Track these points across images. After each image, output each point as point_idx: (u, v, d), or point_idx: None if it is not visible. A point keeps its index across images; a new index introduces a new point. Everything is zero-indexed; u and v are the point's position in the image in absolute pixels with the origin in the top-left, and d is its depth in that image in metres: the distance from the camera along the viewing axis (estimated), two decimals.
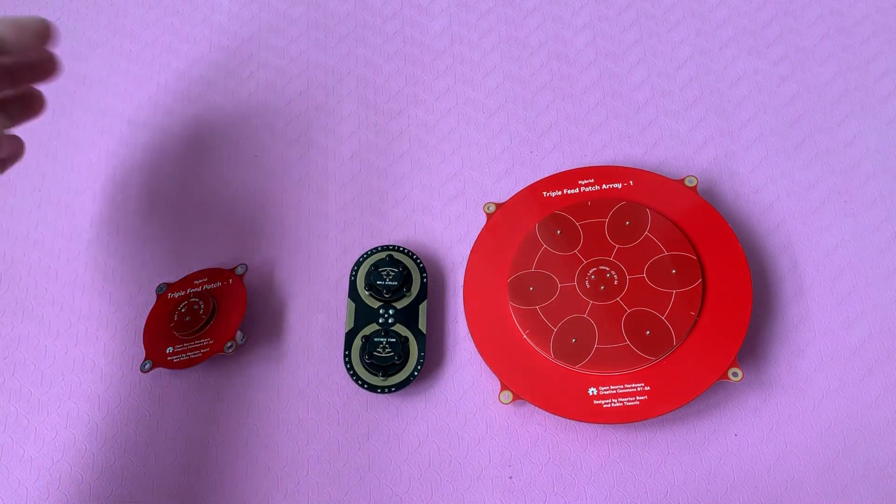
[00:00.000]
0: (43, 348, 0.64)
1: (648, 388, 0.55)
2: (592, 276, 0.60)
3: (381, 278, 0.61)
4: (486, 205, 0.64)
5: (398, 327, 0.60)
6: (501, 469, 0.57)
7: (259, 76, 0.74)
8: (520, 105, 0.71)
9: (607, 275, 0.60)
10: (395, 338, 0.59)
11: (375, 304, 0.61)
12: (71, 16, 0.79)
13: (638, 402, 0.55)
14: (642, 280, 0.59)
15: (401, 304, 0.61)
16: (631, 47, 0.73)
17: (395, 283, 0.61)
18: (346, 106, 0.72)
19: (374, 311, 0.61)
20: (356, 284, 0.62)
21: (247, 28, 0.77)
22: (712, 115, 0.69)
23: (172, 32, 0.77)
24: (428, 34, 0.75)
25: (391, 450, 0.59)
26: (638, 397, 0.55)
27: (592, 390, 0.56)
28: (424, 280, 0.62)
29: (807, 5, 0.73)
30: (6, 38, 0.47)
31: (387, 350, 0.59)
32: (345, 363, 0.59)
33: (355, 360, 0.59)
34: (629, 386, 0.56)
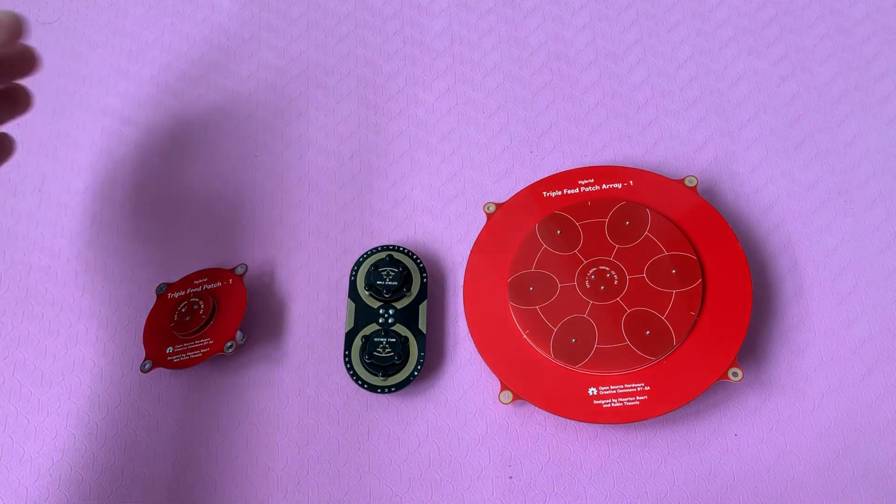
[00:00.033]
0: (43, 348, 0.64)
1: (648, 388, 0.55)
2: (592, 276, 0.60)
3: (381, 278, 0.61)
4: (486, 205, 0.64)
5: (398, 327, 0.60)
6: (501, 469, 0.57)
7: (259, 76, 0.74)
8: (520, 105, 0.71)
9: (607, 275, 0.60)
10: (395, 338, 0.59)
11: (375, 304, 0.61)
12: (71, 16, 0.79)
13: (638, 402, 0.55)
14: (642, 280, 0.59)
15: (401, 304, 0.61)
16: (631, 47, 0.73)
17: (395, 283, 0.61)
18: (346, 106, 0.72)
19: (374, 311, 0.61)
20: (356, 284, 0.62)
21: (247, 28, 0.77)
22: (712, 115, 0.69)
23: (172, 32, 0.77)
24: (428, 34, 0.75)
25: (391, 450, 0.59)
26: (638, 397, 0.55)
27: (592, 390, 0.56)
28: (424, 280, 0.62)
29: (807, 5, 0.73)
30: None
31: (387, 350, 0.59)
32: (345, 363, 0.59)
33: (355, 360, 0.59)
34: (629, 386, 0.56)
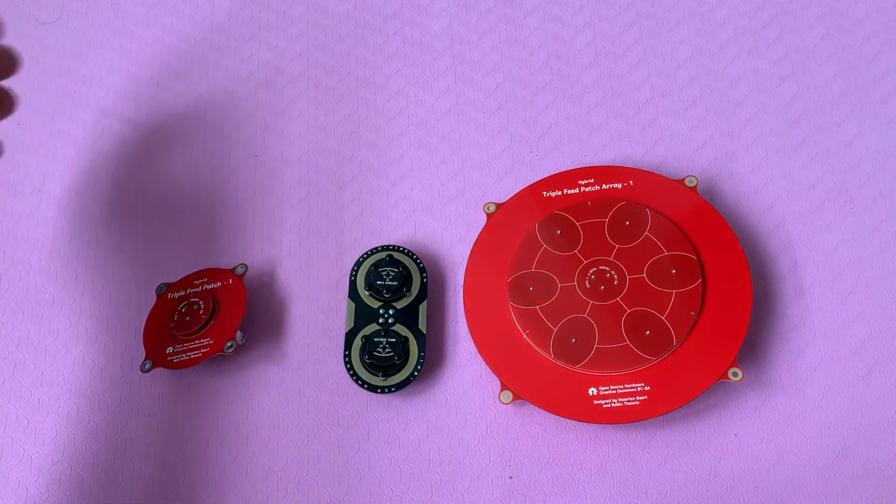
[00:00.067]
0: (43, 348, 0.64)
1: (648, 388, 0.55)
2: (592, 276, 0.60)
3: (381, 278, 0.61)
4: (486, 205, 0.64)
5: (398, 327, 0.60)
6: (501, 469, 0.57)
7: (259, 76, 0.74)
8: (520, 105, 0.71)
9: (607, 275, 0.60)
10: (395, 338, 0.59)
11: (375, 304, 0.61)
12: (71, 16, 0.79)
13: (638, 402, 0.55)
14: (642, 280, 0.59)
15: (401, 304, 0.61)
16: (631, 47, 0.73)
17: (395, 283, 0.61)
18: (346, 106, 0.72)
19: (374, 311, 0.61)
20: (356, 284, 0.62)
21: (247, 28, 0.77)
22: (712, 115, 0.69)
23: (173, 32, 0.77)
24: (428, 34, 0.75)
25: (391, 450, 0.59)
26: (638, 397, 0.55)
27: (592, 390, 0.56)
28: (424, 280, 0.62)
29: (807, 5, 0.73)
30: None
31: (387, 350, 0.59)
32: (345, 363, 0.59)
33: (355, 360, 0.59)
34: (629, 386, 0.56)
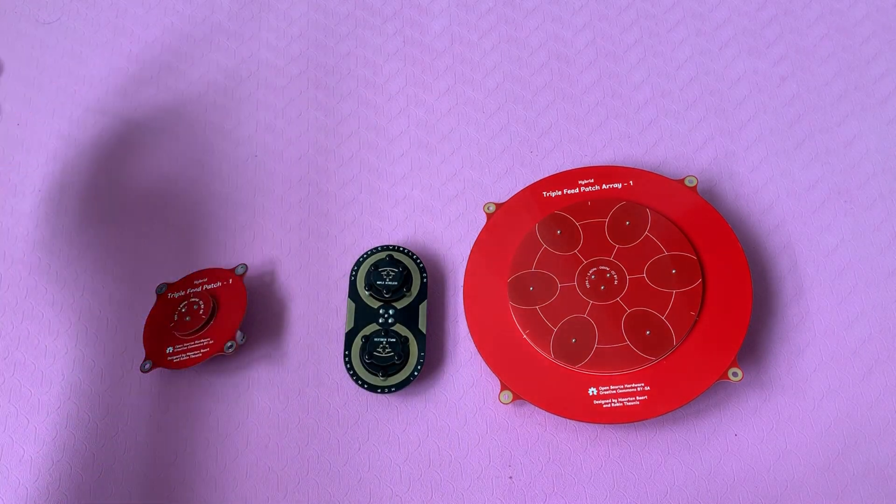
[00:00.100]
0: (43, 348, 0.64)
1: (648, 388, 0.55)
2: (592, 276, 0.60)
3: (381, 278, 0.61)
4: (486, 205, 0.64)
5: (398, 327, 0.60)
6: (501, 469, 0.57)
7: (259, 76, 0.74)
8: (520, 105, 0.71)
9: (607, 275, 0.60)
10: (395, 338, 0.59)
11: (375, 304, 0.61)
12: (71, 16, 0.79)
13: (638, 402, 0.55)
14: (642, 280, 0.59)
15: (401, 304, 0.61)
16: (631, 47, 0.73)
17: (395, 283, 0.61)
18: (346, 106, 0.72)
19: (374, 311, 0.61)
20: (356, 284, 0.62)
21: (247, 28, 0.77)
22: (712, 115, 0.69)
23: (172, 32, 0.77)
24: (428, 34, 0.75)
25: (391, 450, 0.59)
26: (638, 397, 0.55)
27: (592, 390, 0.56)
28: (424, 280, 0.62)
29: (807, 5, 0.73)
30: None
31: (387, 350, 0.59)
32: (345, 363, 0.59)
33: (355, 360, 0.59)
34: (629, 386, 0.56)
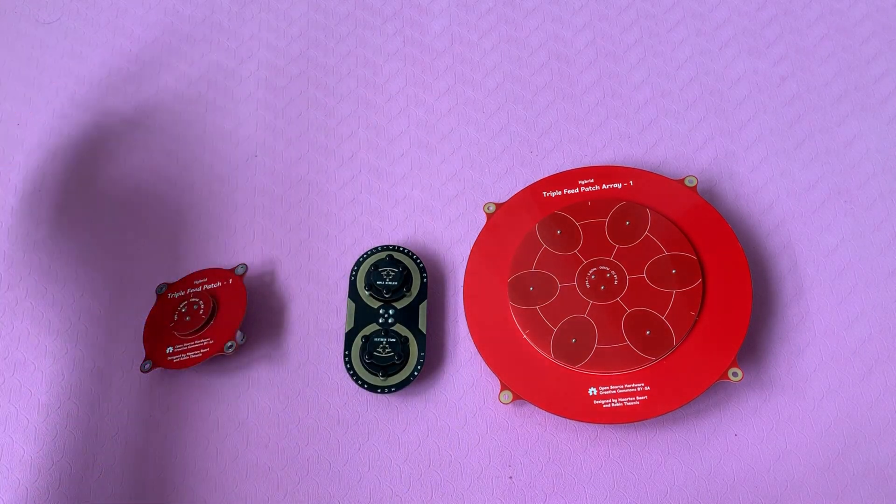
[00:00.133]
0: (43, 348, 0.64)
1: (648, 388, 0.55)
2: (592, 276, 0.60)
3: (381, 278, 0.61)
4: (486, 205, 0.64)
5: (398, 327, 0.60)
6: (501, 469, 0.57)
7: (259, 76, 0.74)
8: (520, 105, 0.71)
9: (607, 275, 0.60)
10: (395, 338, 0.59)
11: (375, 304, 0.61)
12: (71, 16, 0.79)
13: (638, 402, 0.55)
14: (642, 280, 0.59)
15: (401, 304, 0.61)
16: (631, 47, 0.73)
17: (395, 283, 0.61)
18: (346, 106, 0.72)
19: (374, 311, 0.61)
20: (356, 284, 0.62)
21: (246, 28, 0.77)
22: (712, 115, 0.69)
23: (172, 32, 0.77)
24: (428, 34, 0.75)
25: (391, 450, 0.59)
26: (638, 397, 0.55)
27: (592, 390, 0.56)
28: (424, 280, 0.62)
29: (807, 5, 0.73)
30: None
31: (387, 350, 0.59)
32: (345, 363, 0.59)
33: (355, 360, 0.59)
34: (629, 386, 0.56)
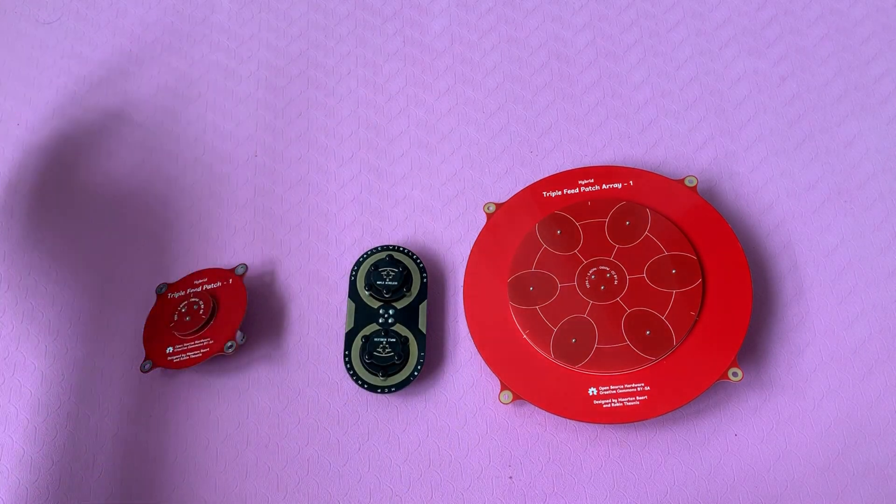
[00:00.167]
0: (43, 348, 0.64)
1: (648, 388, 0.55)
2: (592, 276, 0.60)
3: (381, 278, 0.61)
4: (486, 205, 0.64)
5: (398, 327, 0.60)
6: (501, 469, 0.57)
7: (259, 75, 0.74)
8: (520, 105, 0.71)
9: (607, 275, 0.60)
10: (395, 338, 0.59)
11: (375, 304, 0.61)
12: (71, 16, 0.79)
13: (638, 402, 0.55)
14: (642, 280, 0.59)
15: (401, 304, 0.61)
16: (631, 47, 0.73)
17: (395, 283, 0.61)
18: (346, 106, 0.72)
19: (374, 311, 0.61)
20: (356, 284, 0.62)
21: (247, 28, 0.77)
22: (712, 115, 0.69)
23: (172, 32, 0.77)
24: (428, 34, 0.75)
25: (391, 450, 0.59)
26: (638, 397, 0.55)
27: (592, 390, 0.56)
28: (424, 280, 0.62)
29: (807, 5, 0.73)
30: None
31: (387, 350, 0.59)
32: (345, 363, 0.59)
33: (355, 360, 0.59)
34: (629, 386, 0.56)
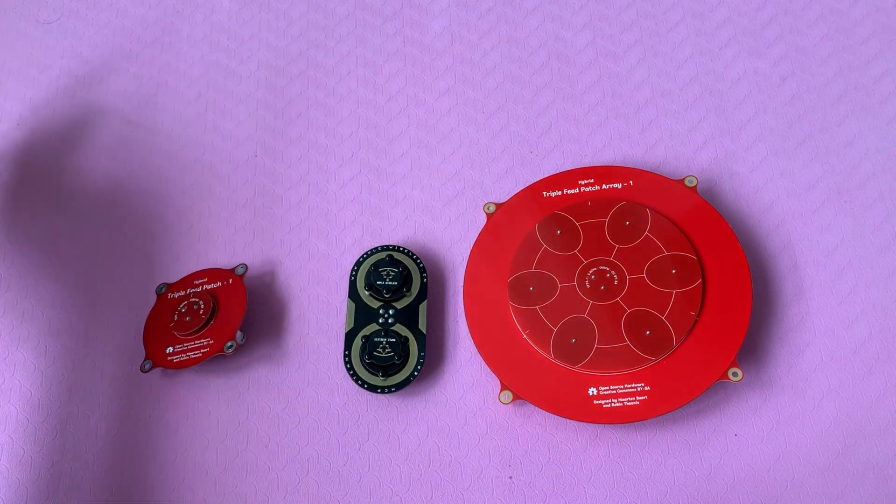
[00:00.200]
0: (43, 348, 0.64)
1: (648, 388, 0.55)
2: (592, 276, 0.60)
3: (381, 278, 0.61)
4: (486, 205, 0.64)
5: (398, 327, 0.60)
6: (501, 469, 0.57)
7: (259, 76, 0.74)
8: (520, 105, 0.71)
9: (607, 275, 0.60)
10: (395, 338, 0.59)
11: (375, 304, 0.61)
12: (71, 16, 0.79)
13: (638, 402, 0.55)
14: (642, 280, 0.59)
15: (401, 304, 0.61)
16: (631, 47, 0.73)
17: (395, 283, 0.61)
18: (346, 106, 0.72)
19: (374, 311, 0.61)
20: (356, 284, 0.62)
21: (247, 28, 0.77)
22: (712, 115, 0.69)
23: (173, 33, 0.77)
24: (428, 34, 0.75)
25: (391, 450, 0.59)
26: (638, 397, 0.55)
27: (592, 390, 0.56)
28: (424, 280, 0.62)
29: (807, 5, 0.73)
30: None
31: (387, 350, 0.59)
32: (345, 363, 0.59)
33: (355, 360, 0.59)
34: (629, 386, 0.56)
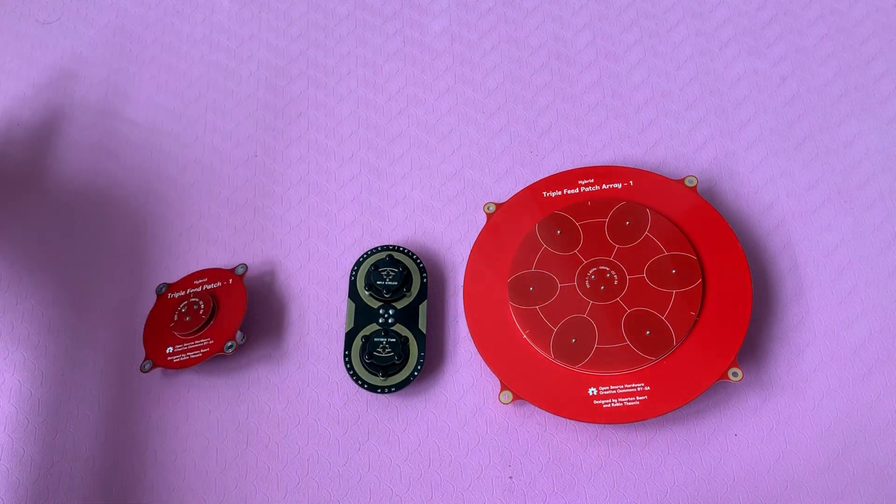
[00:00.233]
0: (43, 348, 0.64)
1: (648, 388, 0.55)
2: (592, 276, 0.60)
3: (381, 278, 0.61)
4: (486, 205, 0.64)
5: (398, 327, 0.60)
6: (501, 469, 0.57)
7: (259, 76, 0.74)
8: (520, 105, 0.71)
9: (607, 275, 0.60)
10: (395, 338, 0.59)
11: (375, 304, 0.61)
12: (71, 16, 0.80)
13: (638, 402, 0.55)
14: (642, 280, 0.59)
15: (401, 304, 0.61)
16: (631, 47, 0.73)
17: (395, 283, 0.61)
18: (346, 106, 0.72)
19: (374, 311, 0.61)
20: (356, 284, 0.62)
21: (247, 28, 0.77)
22: (712, 115, 0.69)
23: (173, 33, 0.78)
24: (428, 34, 0.75)
25: (391, 450, 0.59)
26: (638, 397, 0.55)
27: (592, 390, 0.56)
28: (424, 280, 0.62)
29: (807, 5, 0.73)
30: None
31: (387, 350, 0.59)
32: (345, 363, 0.59)
33: (355, 360, 0.59)
34: (629, 386, 0.56)
